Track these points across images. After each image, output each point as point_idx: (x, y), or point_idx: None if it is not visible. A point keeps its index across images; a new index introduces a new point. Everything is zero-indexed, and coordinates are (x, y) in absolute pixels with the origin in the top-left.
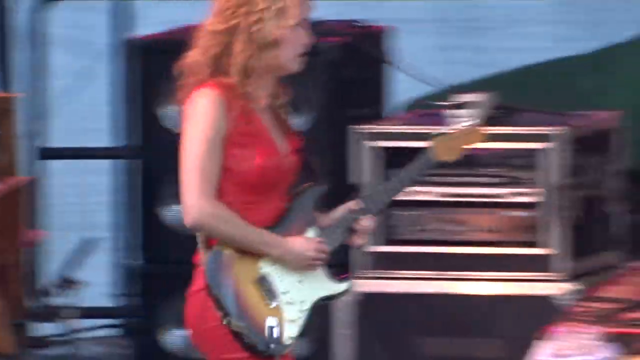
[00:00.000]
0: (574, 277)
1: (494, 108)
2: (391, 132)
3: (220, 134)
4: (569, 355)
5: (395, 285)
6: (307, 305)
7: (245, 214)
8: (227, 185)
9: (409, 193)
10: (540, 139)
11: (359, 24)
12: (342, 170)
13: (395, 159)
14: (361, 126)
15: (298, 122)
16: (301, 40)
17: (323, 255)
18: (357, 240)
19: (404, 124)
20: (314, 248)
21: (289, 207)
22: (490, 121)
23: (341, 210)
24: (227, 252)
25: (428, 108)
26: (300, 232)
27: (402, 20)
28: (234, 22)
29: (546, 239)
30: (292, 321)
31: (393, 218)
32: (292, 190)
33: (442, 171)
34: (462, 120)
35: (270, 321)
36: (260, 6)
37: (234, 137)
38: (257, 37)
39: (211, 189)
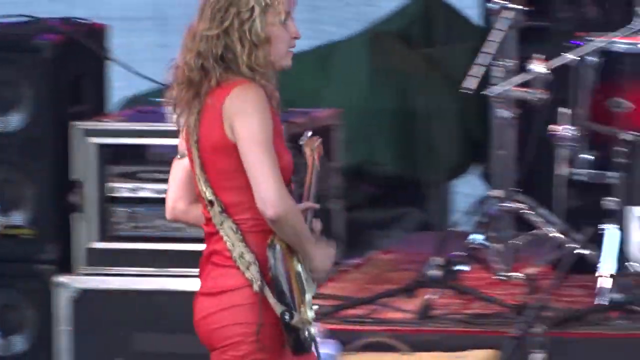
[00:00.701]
0: None
1: None
2: (112, 129)
3: (271, 127)
4: None
5: (112, 282)
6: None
7: None
8: None
9: (125, 190)
10: None
11: (80, 21)
12: (64, 166)
13: (117, 156)
14: (82, 123)
15: (15, 119)
16: (291, 35)
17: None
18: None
19: (124, 121)
20: (333, 254)
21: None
22: None
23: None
24: (282, 247)
25: (149, 105)
26: None
27: (123, 18)
28: (226, 23)
29: None
30: (312, 317)
31: (110, 214)
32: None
33: (162, 168)
34: None
35: (310, 315)
36: (249, 4)
37: (274, 134)
38: (249, 36)
39: (283, 181)
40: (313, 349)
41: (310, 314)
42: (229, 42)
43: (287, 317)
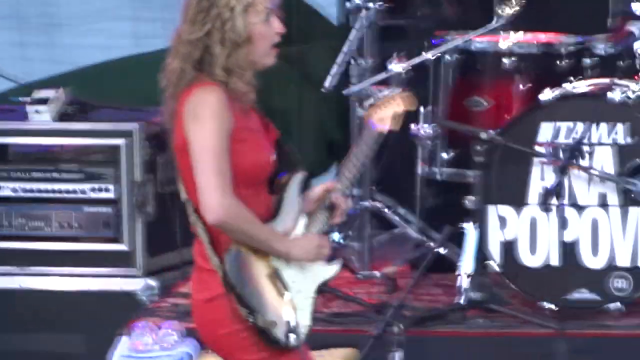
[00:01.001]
0: (152, 273)
1: (70, 104)
2: None
3: (228, 130)
4: (150, 350)
5: None
6: (312, 292)
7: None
8: None
9: None
10: (119, 135)
11: None
12: None
13: None
14: None
15: None
16: (273, 31)
17: (327, 248)
18: (337, 218)
19: None
20: (320, 243)
21: (278, 198)
22: (66, 117)
23: (318, 192)
24: (244, 251)
25: (8, 104)
26: (295, 222)
27: None
28: (208, 26)
29: (126, 235)
30: (303, 310)
31: None
32: (275, 182)
33: (23, 166)
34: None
35: (288, 313)
36: (230, 4)
37: (235, 133)
38: (231, 36)
39: (230, 187)
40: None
41: (301, 303)
42: (209, 44)
43: (250, 319)
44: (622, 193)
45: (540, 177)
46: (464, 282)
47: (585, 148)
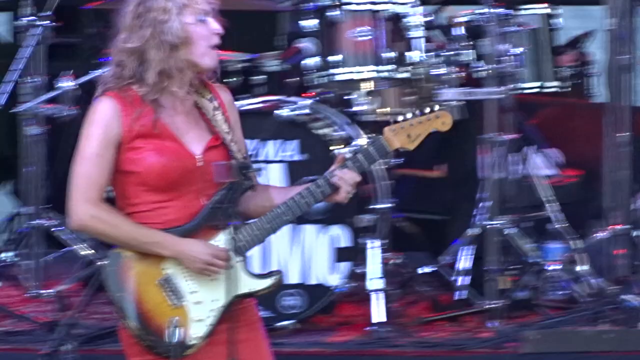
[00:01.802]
0: None
1: None
2: None
3: (112, 139)
4: None
5: None
6: (221, 303)
7: (154, 214)
8: (132, 188)
9: None
10: None
11: None
12: None
13: None
14: None
15: None
16: (211, 32)
17: (220, 263)
18: (341, 196)
19: None
20: (211, 254)
21: (204, 206)
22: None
23: (293, 194)
24: (127, 255)
25: None
26: (211, 231)
27: None
28: (145, 31)
29: None
30: (200, 320)
31: None
32: (215, 189)
33: None
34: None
35: (172, 322)
36: (165, 7)
37: (130, 141)
38: (168, 39)
39: (96, 193)
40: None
41: (199, 314)
42: (145, 49)
43: (123, 322)
44: None
45: None
46: None
47: (256, 165)
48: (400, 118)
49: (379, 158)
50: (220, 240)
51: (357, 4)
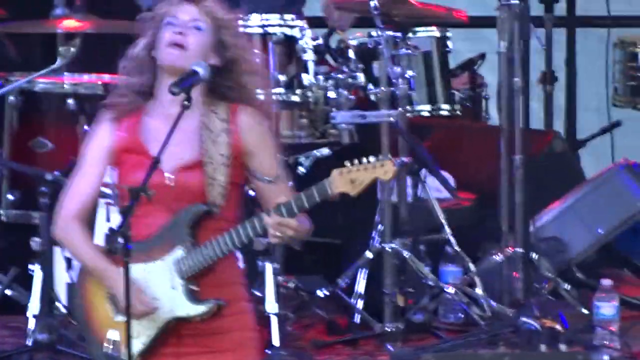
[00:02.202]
0: None
1: None
2: None
3: (102, 153)
4: None
5: None
6: (158, 323)
7: (133, 227)
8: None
9: None
10: None
11: None
12: None
13: None
14: None
15: None
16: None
17: (139, 308)
18: (270, 238)
19: None
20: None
21: (166, 223)
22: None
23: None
24: None
25: None
26: (167, 249)
27: None
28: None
29: None
30: (136, 337)
31: None
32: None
33: None
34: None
35: (111, 334)
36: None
37: (118, 155)
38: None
39: (76, 208)
40: None
41: (136, 331)
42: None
43: None
44: None
45: (106, 219)
46: (31, 323)
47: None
48: (347, 163)
49: (319, 199)
50: (169, 260)
51: (247, 27)
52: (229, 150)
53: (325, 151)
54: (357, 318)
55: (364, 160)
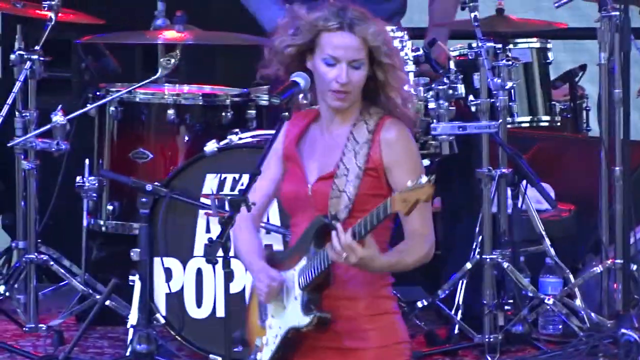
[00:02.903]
0: None
1: None
2: None
3: (275, 157)
4: None
5: None
6: (281, 332)
7: (291, 237)
8: None
9: None
10: None
11: None
12: None
13: None
14: None
15: None
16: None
17: (271, 290)
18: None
19: None
20: (266, 283)
21: (302, 234)
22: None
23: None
24: None
25: None
26: (298, 259)
27: None
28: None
29: None
30: (268, 346)
31: None
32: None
33: None
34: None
35: (258, 340)
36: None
37: (284, 161)
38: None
39: (257, 203)
40: None
41: (268, 338)
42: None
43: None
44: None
45: (206, 229)
46: (130, 334)
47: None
48: (409, 183)
49: (382, 218)
50: (297, 270)
51: None
52: (365, 162)
53: (425, 162)
54: (457, 329)
55: (413, 181)
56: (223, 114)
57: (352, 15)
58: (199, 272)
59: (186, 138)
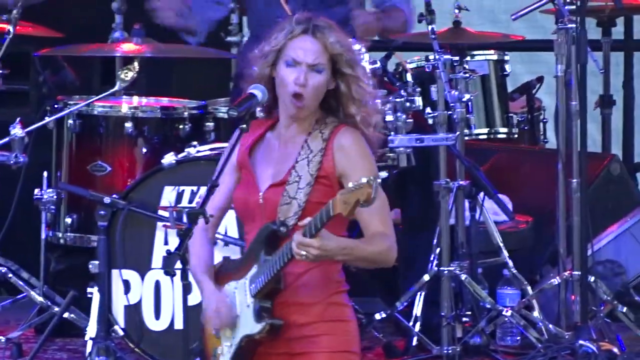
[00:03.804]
0: None
1: None
2: None
3: (230, 167)
4: None
5: None
6: (235, 341)
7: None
8: None
9: None
10: None
11: None
12: None
13: None
14: None
15: None
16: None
17: (219, 314)
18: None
19: None
20: (213, 307)
21: (253, 241)
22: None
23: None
24: None
25: None
26: (249, 267)
27: None
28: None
29: None
30: (222, 355)
31: None
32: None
33: None
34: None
35: (214, 351)
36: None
37: (239, 170)
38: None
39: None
40: None
41: (223, 348)
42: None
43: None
44: None
45: (164, 242)
46: (89, 346)
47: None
48: (350, 184)
49: (325, 221)
50: (248, 278)
51: None
52: (317, 170)
53: (383, 174)
54: (415, 341)
55: (354, 182)
56: (181, 126)
57: (316, 23)
58: (157, 284)
59: (144, 150)
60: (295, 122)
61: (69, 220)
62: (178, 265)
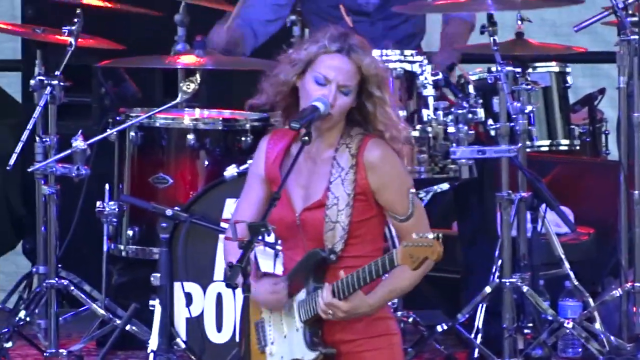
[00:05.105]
0: None
1: None
2: None
3: (257, 176)
4: None
5: None
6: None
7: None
8: None
9: None
10: None
11: None
12: None
13: None
14: None
15: None
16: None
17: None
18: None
19: None
20: (270, 289)
21: (299, 262)
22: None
23: None
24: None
25: None
26: (297, 289)
27: None
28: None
29: None
30: None
31: None
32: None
33: None
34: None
35: None
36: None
37: (267, 183)
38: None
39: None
40: None
41: None
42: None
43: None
44: None
45: None
46: (150, 359)
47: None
48: (414, 236)
49: (382, 274)
50: (297, 300)
51: None
52: (353, 189)
53: (444, 186)
54: (476, 353)
55: (417, 235)
56: (243, 138)
57: (352, 42)
58: (219, 296)
59: (206, 163)
60: (320, 136)
61: (130, 232)
62: (240, 277)
